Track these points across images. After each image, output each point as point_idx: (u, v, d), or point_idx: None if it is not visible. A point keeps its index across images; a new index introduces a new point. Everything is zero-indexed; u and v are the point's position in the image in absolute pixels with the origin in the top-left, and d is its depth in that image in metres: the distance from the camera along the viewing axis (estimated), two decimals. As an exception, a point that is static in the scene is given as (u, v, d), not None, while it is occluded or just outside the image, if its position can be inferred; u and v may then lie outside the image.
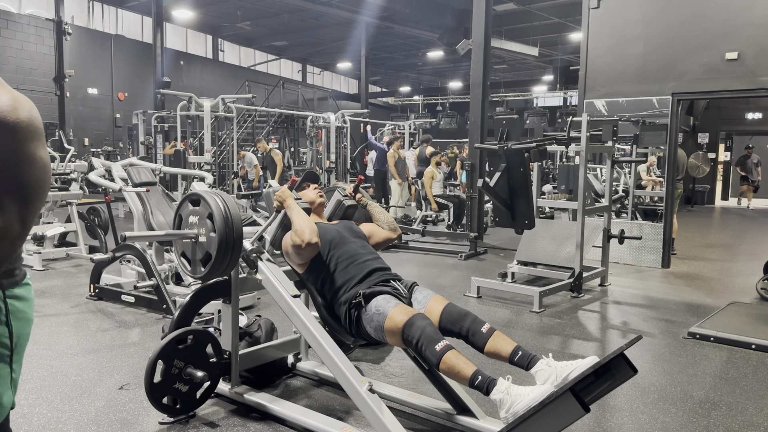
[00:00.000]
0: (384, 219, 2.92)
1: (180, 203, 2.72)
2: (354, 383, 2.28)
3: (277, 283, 2.58)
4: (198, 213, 2.59)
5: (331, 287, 2.55)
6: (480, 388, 2.10)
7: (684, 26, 6.34)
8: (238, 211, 2.57)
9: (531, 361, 2.21)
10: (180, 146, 9.57)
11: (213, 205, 2.53)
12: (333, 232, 2.67)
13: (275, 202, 2.71)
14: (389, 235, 2.89)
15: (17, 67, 15.69)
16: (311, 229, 2.52)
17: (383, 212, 2.95)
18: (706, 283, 5.80)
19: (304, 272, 2.65)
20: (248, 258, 2.65)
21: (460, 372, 2.12)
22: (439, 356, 2.14)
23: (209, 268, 2.53)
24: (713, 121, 14.58)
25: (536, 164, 5.92)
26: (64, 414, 2.74)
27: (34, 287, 1.15)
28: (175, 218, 2.72)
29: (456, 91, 27.19)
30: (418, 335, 2.19)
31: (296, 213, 2.61)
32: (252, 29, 21.33)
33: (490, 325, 2.34)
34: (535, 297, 4.67)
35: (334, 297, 2.54)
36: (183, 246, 2.67)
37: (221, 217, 2.50)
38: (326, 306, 2.59)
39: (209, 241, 2.53)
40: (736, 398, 3.05)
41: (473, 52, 7.87)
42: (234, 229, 2.51)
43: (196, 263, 2.61)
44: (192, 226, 2.61)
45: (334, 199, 2.96)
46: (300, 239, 2.49)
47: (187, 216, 2.65)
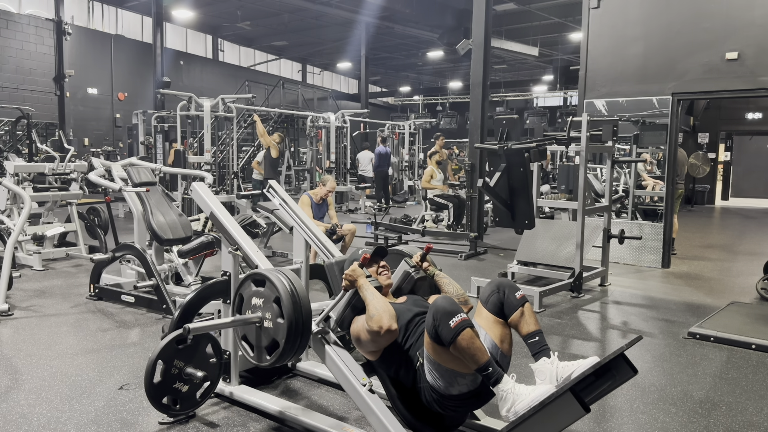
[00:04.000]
0: (454, 292, 2.59)
1: (242, 282, 2.48)
2: (354, 383, 2.27)
3: (347, 370, 2.33)
4: (262, 295, 2.37)
5: (407, 372, 2.30)
6: (489, 377, 2.08)
7: (684, 26, 6.34)
8: (306, 293, 2.38)
9: (540, 352, 2.22)
10: (180, 147, 9.56)
11: (280, 287, 2.30)
12: (407, 314, 2.38)
13: (344, 280, 2.41)
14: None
15: (17, 67, 15.68)
16: (390, 314, 2.24)
17: (452, 283, 2.64)
18: (706, 283, 5.80)
19: (376, 360, 2.38)
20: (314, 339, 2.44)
21: (474, 355, 2.04)
22: (455, 333, 2.01)
23: (276, 356, 2.31)
24: (713, 121, 14.57)
25: (536, 164, 5.91)
26: (64, 414, 2.73)
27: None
28: (235, 298, 2.52)
29: (456, 91, 27.19)
30: (432, 312, 2.08)
31: (371, 295, 2.32)
32: (252, 29, 21.33)
33: (524, 294, 2.37)
34: (535, 297, 4.67)
35: (414, 383, 2.28)
36: (245, 330, 2.44)
37: (290, 302, 2.27)
38: (402, 397, 2.33)
39: (276, 327, 2.31)
40: (736, 398, 3.05)
41: (473, 52, 7.87)
42: (303, 314, 2.29)
43: (260, 350, 2.38)
44: (255, 308, 2.38)
45: (401, 269, 2.65)
46: (377, 325, 2.21)
47: (249, 297, 2.41)
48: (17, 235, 4.93)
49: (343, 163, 13.00)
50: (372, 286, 2.39)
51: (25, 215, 5.09)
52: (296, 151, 15.41)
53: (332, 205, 6.22)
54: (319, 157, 13.07)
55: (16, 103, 12.65)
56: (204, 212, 3.54)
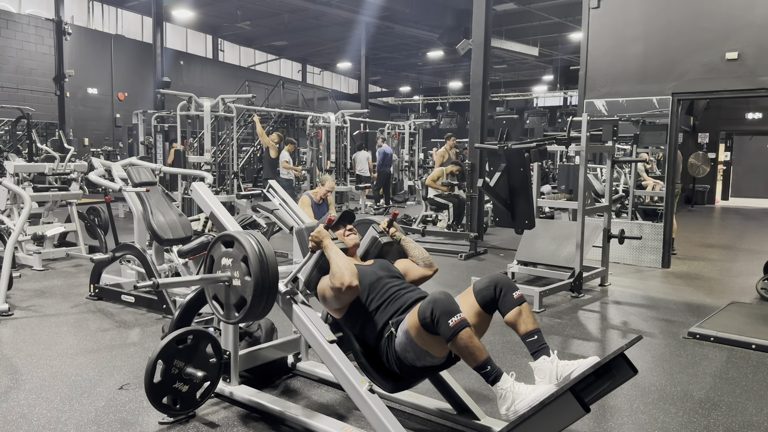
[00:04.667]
0: (419, 255, 2.72)
1: (212, 244, 2.57)
2: (354, 383, 2.28)
3: (313, 327, 2.44)
4: (231, 255, 2.46)
5: (371, 332, 2.40)
6: (487, 375, 2.09)
7: (684, 26, 6.34)
8: (273, 252, 2.44)
9: (539, 351, 2.21)
10: (180, 147, 9.56)
11: (248, 247, 2.39)
12: (371, 275, 2.50)
13: (310, 242, 2.52)
14: (425, 272, 2.70)
15: (17, 67, 15.69)
16: (351, 271, 2.35)
17: (418, 247, 2.76)
18: (706, 283, 5.80)
19: (341, 317, 2.50)
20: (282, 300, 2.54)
21: (473, 353, 2.07)
22: (454, 332, 2.05)
23: (244, 313, 2.41)
24: (713, 121, 14.57)
25: (536, 164, 5.91)
26: (64, 414, 2.74)
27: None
28: (206, 259, 2.58)
29: (456, 91, 27.19)
30: (431, 308, 2.10)
31: (335, 254, 2.43)
32: (252, 29, 21.33)
33: (522, 293, 2.33)
34: (535, 297, 4.67)
35: (376, 341, 2.39)
36: (215, 289, 2.54)
37: (257, 260, 2.36)
38: (366, 353, 2.43)
39: (244, 285, 2.40)
40: (736, 398, 3.05)
41: (473, 52, 7.87)
42: (270, 272, 2.38)
43: (229, 308, 2.48)
44: (225, 268, 2.47)
45: (369, 236, 2.76)
46: (340, 282, 2.31)
47: (220, 258, 2.50)
48: (17, 235, 4.93)
49: (343, 163, 13.00)
50: (337, 247, 2.49)
51: (25, 215, 5.09)
52: (296, 151, 15.41)
53: (332, 205, 6.22)
54: (319, 157, 13.07)
55: (16, 103, 12.65)
56: (204, 212, 3.54)
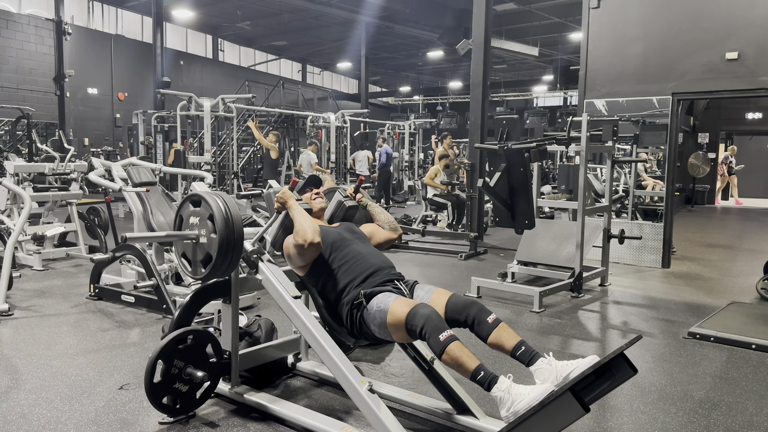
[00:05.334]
0: (384, 219, 2.89)
1: (181, 204, 2.70)
2: (354, 383, 2.27)
3: (278, 283, 2.56)
4: (199, 214, 2.58)
5: (333, 289, 2.53)
6: (482, 383, 2.10)
7: (684, 26, 6.34)
8: (238, 211, 2.55)
9: (532, 358, 2.20)
10: (180, 147, 9.57)
11: (213, 205, 2.52)
12: (334, 234, 2.64)
13: (276, 203, 2.67)
14: (390, 235, 2.86)
15: (17, 67, 15.69)
16: (313, 228, 2.49)
17: (383, 212, 2.93)
18: (706, 283, 5.80)
19: (305, 275, 2.63)
20: (249, 259, 2.64)
21: (464, 364, 2.11)
22: (443, 346, 2.12)
23: (210, 269, 2.53)
24: (713, 121, 14.56)
25: (536, 164, 5.91)
26: (64, 414, 2.74)
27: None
28: (176, 219, 2.70)
29: (456, 91, 27.19)
30: (422, 323, 2.17)
31: (298, 213, 2.58)
32: (252, 29, 21.34)
33: (496, 316, 2.33)
34: (535, 297, 4.67)
35: (337, 299, 2.52)
36: (183, 247, 2.66)
37: (222, 218, 2.49)
38: (327, 307, 2.57)
39: (210, 242, 2.52)
40: (736, 398, 3.05)
41: (473, 52, 7.87)
42: (234, 229, 2.50)
43: (196, 264, 2.60)
44: (193, 227, 2.60)
45: (335, 200, 2.92)
46: (302, 239, 2.46)
47: (188, 217, 2.63)
48: (17, 235, 4.93)
49: (343, 163, 13.01)
50: (301, 207, 2.65)
51: (25, 215, 5.09)
52: (296, 151, 15.42)
53: (332, 205, 6.22)
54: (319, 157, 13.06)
55: (16, 103, 12.66)
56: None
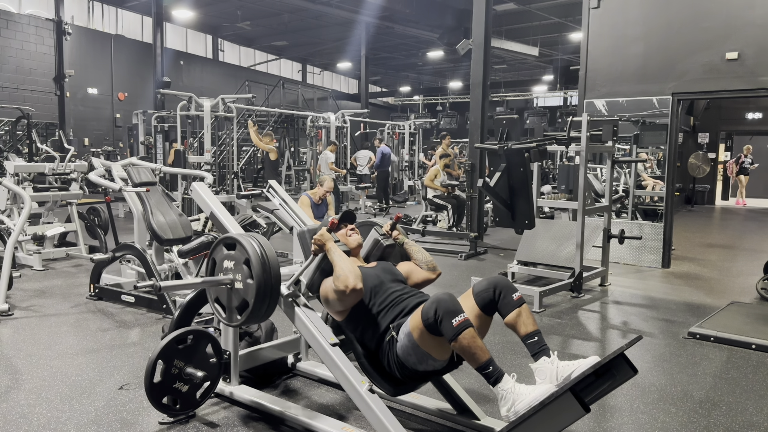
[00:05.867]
0: (422, 258, 2.71)
1: (214, 246, 2.56)
2: (354, 383, 2.27)
3: (315, 330, 2.44)
4: (234, 258, 2.45)
5: (373, 336, 2.39)
6: (489, 377, 2.09)
7: (684, 26, 6.34)
8: (275, 255, 2.44)
9: (539, 353, 2.21)
10: (180, 147, 9.57)
11: (250, 249, 2.39)
12: (373, 278, 2.49)
13: (313, 245, 2.50)
14: (428, 275, 2.69)
15: (17, 67, 15.69)
16: (355, 274, 2.34)
17: (421, 251, 2.76)
18: (706, 283, 5.80)
19: (343, 320, 2.49)
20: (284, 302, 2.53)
21: (475, 354, 2.07)
22: (456, 332, 2.06)
23: (246, 316, 2.40)
24: (713, 121, 14.56)
25: (536, 164, 5.91)
26: (64, 414, 2.74)
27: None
28: (209, 262, 2.58)
29: (456, 91, 27.18)
30: (434, 308, 2.11)
31: (338, 257, 2.43)
32: (252, 29, 21.33)
33: (520, 295, 2.33)
34: (535, 297, 4.67)
35: (378, 345, 2.38)
36: (217, 292, 2.53)
37: (259, 263, 2.36)
38: (368, 356, 2.42)
39: (246, 288, 2.39)
40: (736, 398, 3.05)
41: (473, 52, 7.87)
42: (272, 275, 2.38)
43: (231, 311, 2.47)
44: (227, 271, 2.47)
45: (371, 238, 2.75)
46: (343, 285, 2.31)
47: (222, 260, 2.50)
48: (17, 235, 4.93)
49: (344, 163, 13.00)
50: (339, 249, 2.49)
51: (25, 215, 5.09)
52: (296, 151, 15.41)
53: (332, 205, 6.22)
54: (318, 157, 13.06)
55: (16, 103, 12.65)
56: (204, 212, 3.54)
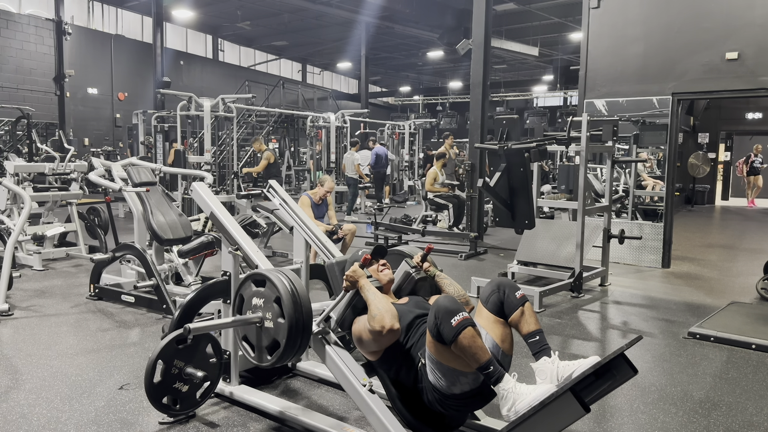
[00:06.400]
0: (455, 292, 2.58)
1: (242, 283, 2.49)
2: (354, 383, 2.27)
3: (348, 372, 2.33)
4: (263, 295, 2.37)
5: (408, 372, 2.29)
6: (489, 376, 2.08)
7: (684, 26, 6.34)
8: (306, 292, 2.37)
9: (540, 352, 2.22)
10: (180, 147, 9.57)
11: (281, 287, 2.30)
12: (407, 314, 2.38)
13: (345, 281, 2.41)
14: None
15: (17, 67, 15.68)
16: (392, 313, 2.24)
17: (453, 284, 2.63)
18: (706, 283, 5.80)
19: (377, 360, 2.37)
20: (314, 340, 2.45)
21: (475, 354, 2.05)
22: (456, 332, 2.02)
23: (277, 357, 2.32)
24: (713, 121, 14.56)
25: (536, 164, 5.90)
26: (64, 414, 2.73)
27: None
28: (235, 299, 2.52)
29: (456, 91, 27.18)
30: (434, 311, 2.08)
31: (372, 295, 2.33)
32: (252, 29, 21.33)
33: (523, 293, 2.35)
34: (535, 297, 4.67)
35: (414, 385, 2.28)
36: (245, 330, 2.44)
37: (290, 302, 2.28)
38: (403, 398, 2.32)
39: (277, 327, 2.31)
40: (736, 398, 3.05)
41: (473, 52, 7.87)
42: (304, 314, 2.30)
43: (261, 350, 2.38)
44: (256, 309, 2.39)
45: (401, 270, 2.63)
46: (380, 325, 2.20)
47: (250, 298, 2.42)
48: (17, 235, 4.93)
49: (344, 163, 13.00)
50: (373, 286, 2.39)
51: (25, 215, 5.09)
52: (296, 151, 15.41)
53: (332, 205, 6.22)
54: (317, 157, 13.07)
55: (16, 103, 12.65)
56: (204, 212, 3.54)
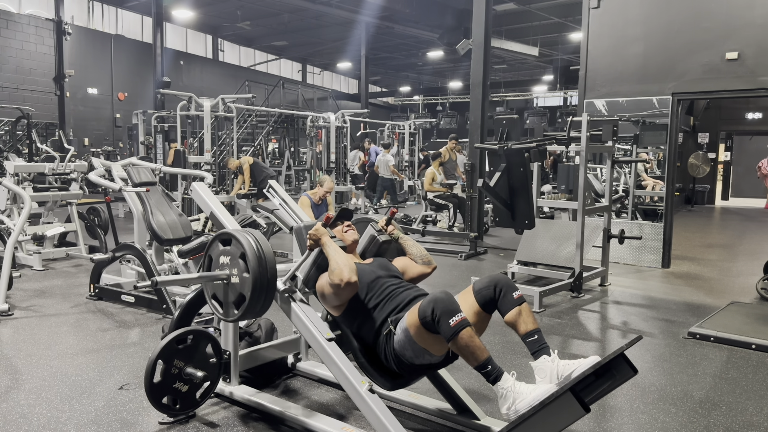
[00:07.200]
0: (417, 253, 2.72)
1: (210, 243, 2.58)
2: (354, 383, 2.27)
3: (312, 326, 2.45)
4: (229, 253, 2.46)
5: (369, 330, 2.40)
6: (488, 375, 2.09)
7: (684, 26, 6.34)
8: (271, 249, 2.45)
9: (539, 351, 2.21)
10: (180, 146, 9.56)
11: (246, 245, 2.40)
12: (369, 273, 2.50)
13: (309, 240, 2.52)
14: (423, 269, 2.70)
15: (17, 67, 15.69)
16: (350, 267, 2.35)
17: (416, 245, 2.76)
18: (706, 283, 5.80)
19: (340, 315, 2.49)
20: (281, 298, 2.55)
21: (474, 353, 2.07)
22: (454, 332, 2.05)
23: (243, 310, 2.42)
24: (713, 121, 14.56)
25: (536, 164, 5.90)
26: (64, 414, 2.74)
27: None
28: (205, 258, 2.59)
29: (456, 91, 27.19)
30: (432, 307, 2.10)
31: (333, 251, 2.43)
32: (252, 29, 21.33)
33: (521, 293, 2.32)
34: (535, 297, 4.67)
35: (374, 339, 2.39)
36: (214, 288, 2.54)
37: (255, 258, 2.37)
38: (364, 350, 2.43)
39: (242, 282, 2.41)
40: (736, 398, 3.05)
41: (473, 52, 7.87)
42: (268, 269, 2.40)
43: (228, 305, 2.49)
44: (223, 266, 2.49)
45: (367, 234, 2.76)
46: (338, 278, 2.32)
47: (218, 256, 2.52)
48: (17, 235, 4.93)
49: (343, 163, 13.01)
50: (335, 244, 2.51)
51: (25, 215, 5.09)
52: (296, 151, 15.41)
53: (332, 206, 6.22)
54: (318, 157, 13.07)
55: (16, 103, 12.65)
56: (204, 212, 3.54)
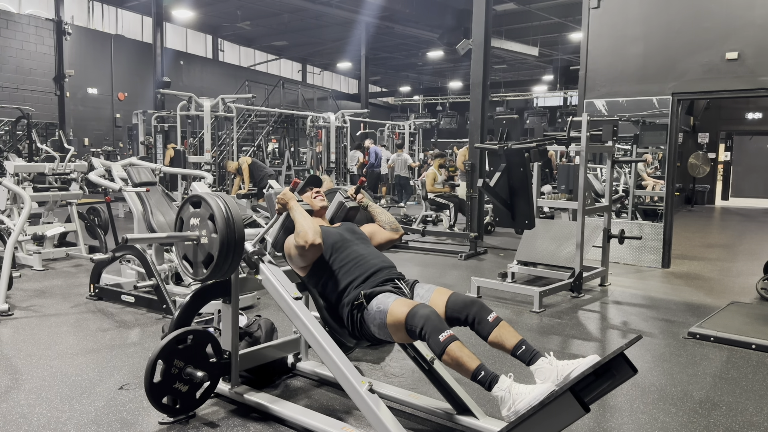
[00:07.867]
0: (385, 219, 2.89)
1: (181, 206, 2.70)
2: (354, 383, 2.27)
3: (279, 285, 2.57)
4: (199, 215, 2.59)
5: (334, 290, 2.53)
6: (482, 382, 2.10)
7: (684, 26, 6.34)
8: (239, 212, 2.56)
9: (533, 358, 2.21)
10: (179, 146, 9.57)
11: (214, 206, 2.52)
12: (335, 235, 2.65)
13: (277, 204, 2.69)
14: (391, 235, 2.87)
15: (17, 67, 15.69)
16: (314, 230, 2.50)
17: (384, 212, 2.93)
18: (706, 283, 5.80)
19: (306, 275, 2.63)
20: (250, 260, 2.65)
21: (464, 365, 2.11)
22: (443, 347, 2.12)
23: (211, 269, 2.53)
24: (713, 121, 14.56)
25: (536, 164, 5.90)
26: (64, 414, 2.73)
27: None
28: (177, 221, 2.71)
29: (456, 91, 27.20)
30: (422, 324, 2.18)
31: (299, 214, 2.59)
32: (252, 29, 21.35)
33: (496, 315, 2.33)
34: (535, 297, 4.67)
35: (338, 299, 2.53)
36: (185, 249, 2.66)
37: (222, 218, 2.50)
38: (328, 308, 2.57)
39: (211, 242, 2.53)
40: (736, 398, 3.05)
41: (473, 52, 7.87)
42: (235, 230, 2.51)
43: (198, 265, 2.61)
44: (193, 228, 2.61)
45: (336, 201, 2.92)
46: (303, 240, 2.46)
47: (189, 218, 2.64)
48: (17, 235, 4.93)
49: (343, 163, 13.02)
50: (302, 207, 2.65)
51: (25, 215, 5.09)
52: (296, 151, 15.42)
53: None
54: (318, 157, 13.07)
55: (16, 103, 12.66)
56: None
